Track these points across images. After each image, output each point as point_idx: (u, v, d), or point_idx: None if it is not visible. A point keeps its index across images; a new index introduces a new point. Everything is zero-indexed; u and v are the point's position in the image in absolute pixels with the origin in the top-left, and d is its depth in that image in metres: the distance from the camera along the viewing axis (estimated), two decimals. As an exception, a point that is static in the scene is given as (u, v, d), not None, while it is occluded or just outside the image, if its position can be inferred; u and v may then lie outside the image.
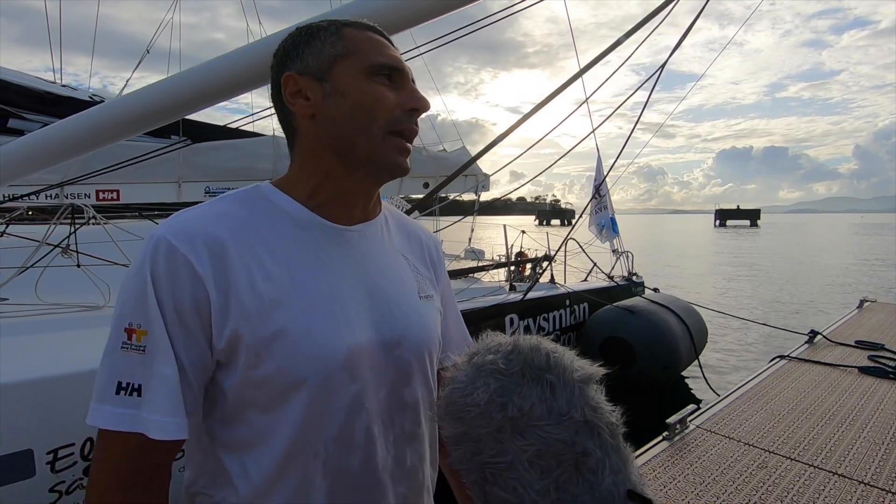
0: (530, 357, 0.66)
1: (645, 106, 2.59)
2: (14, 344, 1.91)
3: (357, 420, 0.67)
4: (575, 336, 5.13)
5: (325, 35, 0.71)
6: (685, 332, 5.02)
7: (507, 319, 4.26)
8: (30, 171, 1.67)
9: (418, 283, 0.79)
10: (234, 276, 0.62)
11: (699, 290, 12.73)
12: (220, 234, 0.64)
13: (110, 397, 0.60)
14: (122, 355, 0.61)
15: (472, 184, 6.70)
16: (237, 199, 0.70)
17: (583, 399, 0.64)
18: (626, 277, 6.53)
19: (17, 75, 3.73)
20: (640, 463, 2.06)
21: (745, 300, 11.84)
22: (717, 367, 6.53)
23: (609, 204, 6.65)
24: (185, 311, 0.61)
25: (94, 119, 1.56)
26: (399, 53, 0.75)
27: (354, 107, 0.69)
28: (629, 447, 0.67)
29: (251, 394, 0.64)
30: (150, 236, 0.63)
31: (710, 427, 2.41)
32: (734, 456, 2.14)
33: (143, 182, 3.89)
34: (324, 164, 0.71)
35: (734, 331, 8.43)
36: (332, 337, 0.65)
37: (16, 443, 1.57)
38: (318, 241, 0.70)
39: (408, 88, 0.72)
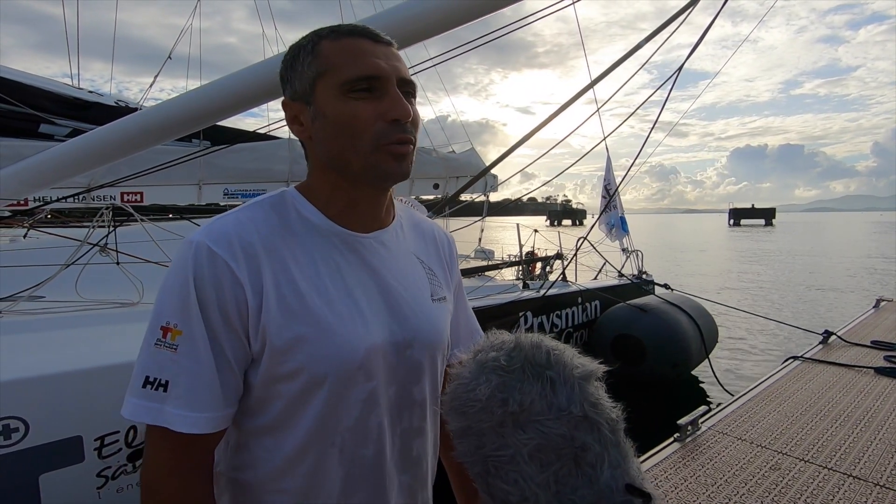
0: (531, 354, 0.68)
1: (661, 110, 2.63)
2: (58, 337, 2.02)
3: (371, 414, 0.72)
4: (587, 333, 5.17)
5: (304, 55, 0.72)
6: (696, 331, 5.03)
7: (521, 316, 4.32)
8: (72, 175, 1.77)
9: (432, 286, 0.83)
10: (265, 281, 0.67)
11: (711, 290, 12.64)
12: (253, 239, 0.68)
13: (138, 390, 0.65)
14: (154, 351, 0.65)
15: (481, 186, 6.75)
16: (268, 206, 0.74)
17: (582, 395, 0.66)
18: (636, 276, 6.54)
19: (48, 82, 3.87)
20: (652, 465, 2.05)
21: (758, 299, 11.74)
22: (729, 367, 6.52)
23: (618, 203, 6.67)
24: (229, 312, 0.65)
25: (132, 126, 1.65)
26: (385, 51, 0.72)
27: (336, 128, 0.70)
28: (630, 443, 0.69)
29: (275, 388, 0.69)
30: (188, 241, 0.67)
31: (722, 429, 2.38)
32: (746, 458, 2.12)
33: (167, 184, 4.01)
34: (329, 179, 0.74)
35: (747, 331, 8.38)
36: (350, 339, 0.69)
37: (66, 429, 1.67)
38: (337, 248, 0.74)
39: (389, 98, 0.70)
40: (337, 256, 0.73)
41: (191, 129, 1.67)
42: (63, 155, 1.77)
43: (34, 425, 1.59)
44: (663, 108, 2.65)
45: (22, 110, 3.27)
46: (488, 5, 1.71)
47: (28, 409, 1.59)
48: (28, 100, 3.33)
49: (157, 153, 3.40)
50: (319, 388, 0.69)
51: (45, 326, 2.10)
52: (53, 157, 1.77)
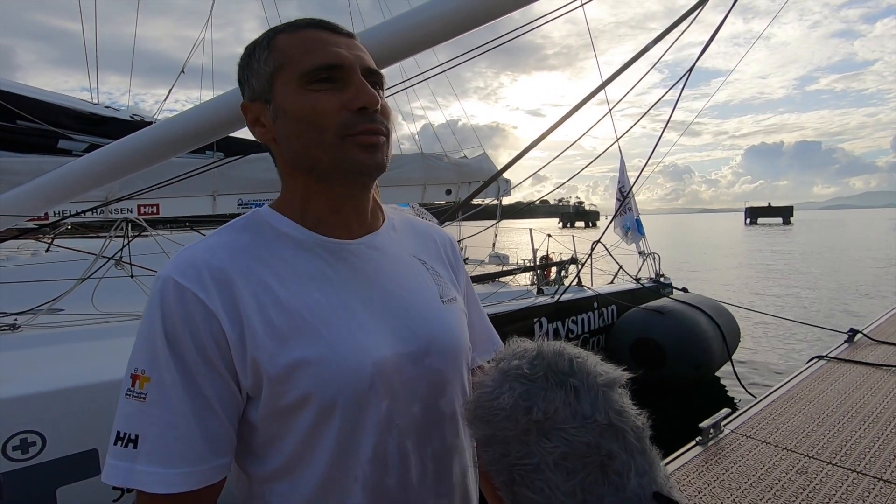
0: (554, 362, 0.67)
1: (673, 110, 2.59)
2: (74, 351, 2.05)
3: (389, 437, 0.65)
4: (604, 338, 5.10)
5: (260, 51, 0.68)
6: (716, 332, 4.94)
7: (536, 322, 4.27)
8: (89, 189, 1.80)
9: (439, 288, 0.76)
10: (244, 306, 0.60)
11: (730, 290, 12.42)
12: (224, 264, 0.62)
13: (111, 448, 0.58)
14: (125, 403, 0.58)
15: (493, 190, 6.73)
16: (239, 227, 0.68)
17: (607, 402, 0.64)
18: (653, 279, 6.45)
19: (66, 99, 3.96)
20: (673, 469, 2.02)
21: (779, 299, 11.51)
22: (751, 367, 6.38)
23: (633, 205, 6.59)
24: (206, 348, 0.59)
25: (145, 141, 1.67)
26: (346, 42, 0.67)
27: (298, 123, 0.65)
28: (656, 450, 0.67)
29: (281, 424, 0.62)
30: (157, 278, 0.61)
31: (745, 431, 2.33)
32: (771, 461, 2.07)
33: (182, 196, 4.06)
34: (301, 184, 0.68)
35: (769, 331, 8.21)
36: (355, 356, 0.63)
37: (82, 442, 1.68)
38: (323, 259, 0.67)
39: (353, 86, 0.64)
40: (325, 269, 0.66)
41: (202, 141, 1.68)
42: (80, 170, 1.79)
43: (51, 439, 1.61)
44: (675, 107, 2.60)
45: (41, 127, 3.35)
46: (496, 10, 1.69)
47: (45, 423, 1.61)
48: (47, 116, 3.41)
49: (173, 166, 3.44)
50: (330, 417, 0.62)
51: (61, 340, 2.13)
52: (71, 173, 1.80)
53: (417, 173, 5.97)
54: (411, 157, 6.09)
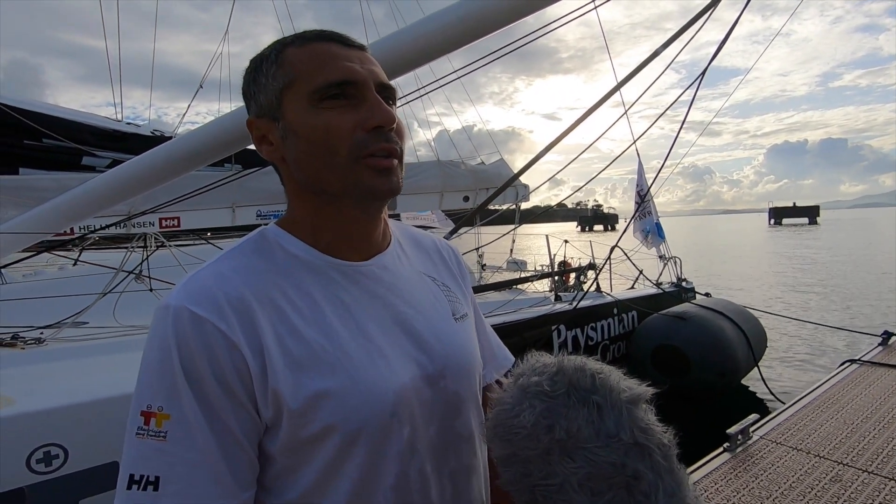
0: (575, 378, 0.64)
1: (688, 110, 2.54)
2: (96, 364, 2.09)
3: (411, 463, 0.64)
4: (625, 345, 5.00)
5: (268, 65, 0.64)
6: (741, 337, 4.80)
7: (553, 330, 4.22)
8: (111, 204, 1.84)
9: (451, 304, 0.75)
10: (264, 337, 0.58)
11: (755, 294, 12.11)
12: (241, 292, 0.59)
13: (122, 493, 0.54)
14: (137, 443, 0.55)
15: (512, 195, 6.70)
16: (248, 250, 0.65)
17: (631, 420, 0.62)
18: (675, 283, 6.32)
19: (89, 116, 4.09)
20: (701, 476, 1.98)
21: (807, 302, 11.17)
22: (779, 373, 6.19)
23: (653, 209, 6.48)
24: (229, 382, 0.56)
25: (163, 156, 1.71)
26: (358, 55, 0.64)
27: (309, 144, 0.61)
28: (684, 468, 0.65)
29: (299, 456, 0.60)
30: (164, 307, 0.57)
31: (775, 438, 2.28)
32: (803, 469, 2.02)
33: (202, 209, 4.14)
34: (310, 205, 0.66)
35: (797, 335, 7.96)
36: (376, 385, 0.61)
37: (104, 455, 1.70)
38: (336, 283, 0.65)
39: (367, 104, 0.62)
40: (340, 292, 0.64)
41: (218, 155, 1.71)
42: (101, 187, 1.84)
43: (73, 452, 1.64)
44: (690, 108, 2.55)
45: (66, 144, 3.45)
46: (510, 15, 1.68)
47: (67, 436, 1.63)
48: (71, 134, 3.53)
49: (193, 179, 3.50)
50: (353, 447, 0.60)
51: (83, 353, 2.18)
52: (93, 190, 1.84)
53: (434, 180, 5.98)
54: (428, 165, 6.10)
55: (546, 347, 4.19)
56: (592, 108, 2.27)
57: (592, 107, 2.30)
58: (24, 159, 3.36)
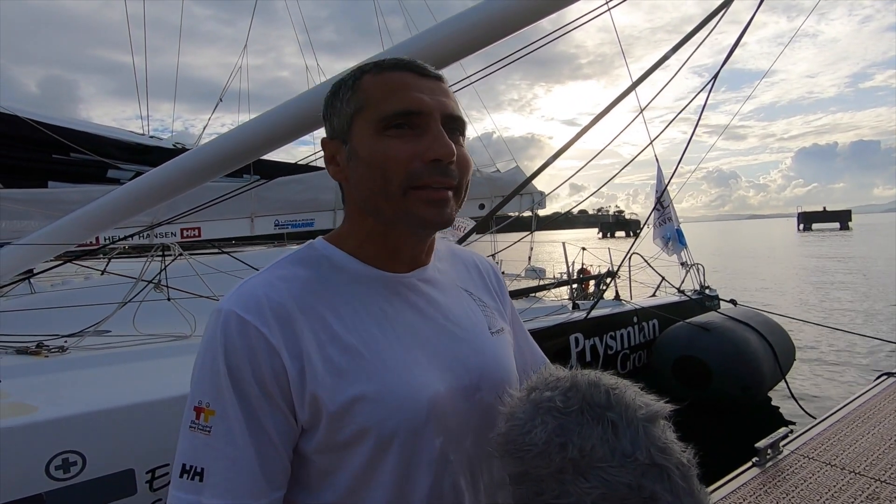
0: (589, 394, 0.63)
1: (702, 111, 2.49)
2: (116, 372, 2.14)
3: (445, 474, 0.65)
4: (645, 354, 4.89)
5: (344, 91, 0.68)
6: (767, 350, 4.64)
7: (571, 339, 4.15)
8: (130, 215, 1.89)
9: (488, 319, 0.77)
10: (304, 343, 0.61)
11: (783, 302, 11.74)
12: (284, 300, 0.62)
13: (176, 480, 0.59)
14: (190, 436, 0.60)
15: (529, 202, 6.65)
16: (297, 261, 0.69)
17: (648, 439, 0.60)
18: (698, 291, 6.16)
19: (114, 131, 4.24)
20: (728, 491, 1.91)
21: (839, 311, 10.76)
22: (810, 388, 5.95)
23: (673, 215, 6.35)
24: (267, 384, 0.59)
25: (179, 168, 1.75)
26: (430, 86, 0.66)
27: (368, 168, 0.64)
28: (704, 490, 0.63)
29: (335, 458, 0.62)
30: (217, 310, 0.62)
31: (807, 453, 2.18)
32: (838, 485, 1.93)
33: (221, 219, 4.23)
34: (365, 224, 0.69)
35: (829, 345, 7.67)
36: (410, 391, 0.63)
37: (120, 462, 1.74)
38: (379, 293, 0.68)
39: (430, 135, 0.63)
40: (381, 303, 0.67)
41: (233, 166, 1.74)
42: (120, 198, 1.89)
43: (91, 458, 1.67)
44: (703, 110, 2.50)
45: (92, 158, 3.58)
46: (525, 19, 1.68)
47: (85, 444, 1.67)
48: (97, 148, 3.66)
49: (212, 190, 3.58)
50: (386, 453, 0.62)
51: (103, 362, 2.24)
52: (112, 201, 1.90)
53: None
54: (445, 172, 6.10)
55: (563, 357, 4.16)
56: (605, 111, 2.24)
57: (605, 109, 2.27)
58: (53, 173, 3.49)
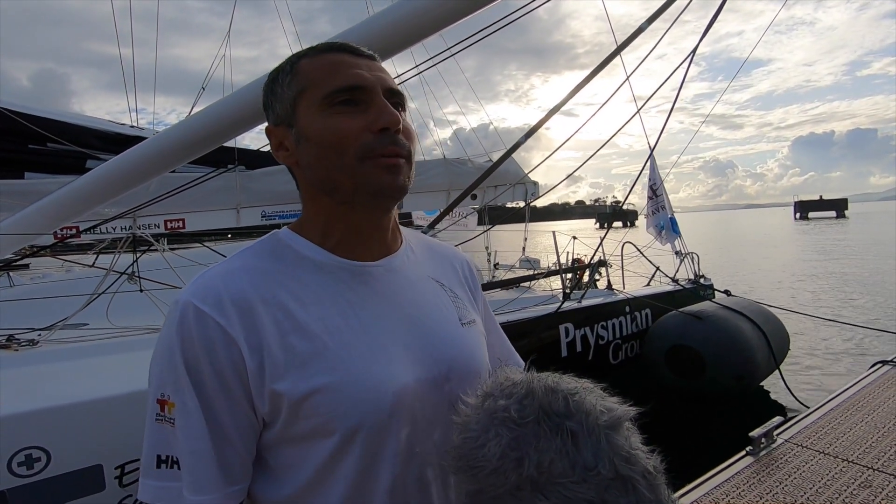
0: (546, 402, 0.58)
1: (678, 94, 2.43)
2: (87, 366, 2.08)
3: (409, 467, 0.64)
4: (638, 345, 4.87)
5: (283, 76, 0.68)
6: (761, 339, 4.60)
7: (561, 329, 4.11)
8: (97, 204, 1.82)
9: (458, 310, 0.76)
10: (264, 334, 0.60)
11: (779, 291, 11.74)
12: (245, 290, 0.62)
13: (153, 471, 0.60)
14: (158, 428, 0.60)
15: (521, 193, 6.59)
16: (259, 251, 0.68)
17: (611, 449, 0.56)
18: (692, 280, 6.13)
19: (93, 120, 4.16)
20: (722, 480, 1.91)
21: (835, 300, 10.76)
22: (804, 378, 5.94)
23: (667, 204, 6.30)
24: (225, 375, 0.59)
25: (141, 154, 1.69)
26: (367, 64, 0.68)
27: (319, 147, 0.65)
28: (673, 498, 0.59)
29: (298, 451, 0.62)
30: (175, 302, 0.61)
31: (800, 441, 2.19)
32: (831, 473, 1.93)
33: (205, 210, 4.16)
34: (323, 207, 0.68)
35: (823, 336, 7.66)
36: (375, 382, 0.62)
37: (87, 458, 1.69)
38: (344, 282, 0.67)
39: (375, 107, 0.65)
40: (346, 292, 0.66)
41: (195, 153, 1.67)
42: (83, 187, 1.83)
43: (56, 455, 1.62)
44: (679, 91, 2.45)
45: (69, 148, 3.50)
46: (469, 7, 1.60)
47: (50, 439, 1.62)
48: (75, 138, 3.57)
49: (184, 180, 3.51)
50: (350, 445, 0.61)
51: (75, 355, 2.18)
52: (74, 190, 1.83)
53: (441, 179, 5.92)
54: (434, 163, 6.05)
55: (553, 348, 4.13)
56: (583, 83, 2.18)
57: (590, 74, 2.21)
58: (30, 164, 3.42)
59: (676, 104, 2.88)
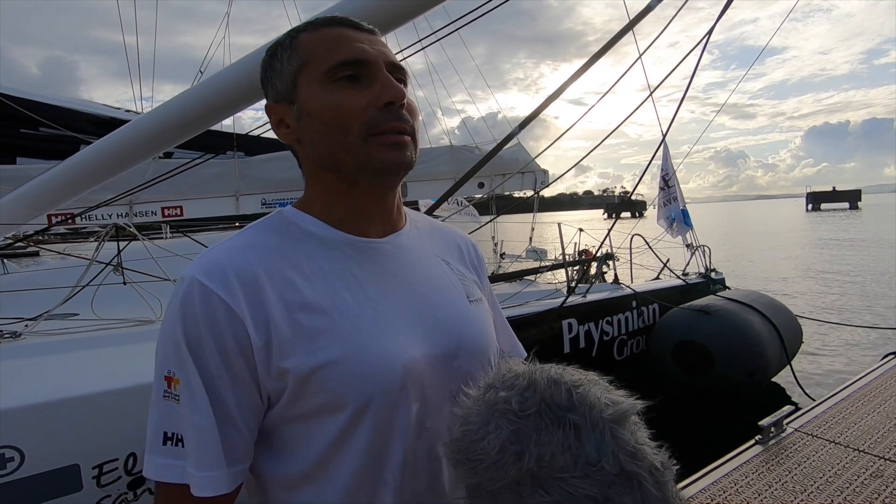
0: (548, 394, 0.56)
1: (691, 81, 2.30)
2: (70, 360, 2.02)
3: (419, 441, 0.65)
4: (644, 340, 4.76)
5: (283, 51, 0.67)
6: (773, 334, 4.47)
7: (564, 324, 4.01)
8: (73, 194, 1.74)
9: (465, 287, 0.75)
10: (271, 310, 0.59)
11: (791, 285, 11.53)
12: (251, 265, 0.61)
13: (158, 448, 0.60)
14: (164, 405, 0.60)
15: (531, 182, 6.46)
16: (263, 227, 0.68)
17: (616, 443, 0.54)
18: (702, 274, 5.98)
19: (86, 104, 4.08)
20: (731, 468, 1.92)
21: (847, 295, 10.54)
22: (813, 371, 5.81)
23: (679, 195, 6.14)
24: (229, 352, 0.58)
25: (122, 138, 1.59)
26: (368, 38, 0.66)
27: (322, 124, 0.64)
28: (680, 496, 0.57)
29: (306, 427, 0.62)
30: (181, 278, 0.61)
31: (811, 430, 2.18)
32: (841, 463, 1.92)
33: (204, 197, 4.09)
34: (326, 183, 0.68)
35: (836, 329, 7.49)
36: (384, 357, 0.62)
37: (63, 458, 1.63)
38: (350, 258, 0.67)
39: (378, 82, 0.63)
40: (353, 267, 0.66)
41: (184, 135, 1.58)
42: (66, 171, 1.74)
43: (30, 454, 1.56)
44: (692, 78, 2.32)
45: (62, 133, 3.42)
46: None
47: (23, 438, 1.56)
48: (68, 123, 3.50)
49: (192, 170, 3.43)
50: (360, 421, 0.61)
51: (58, 349, 2.11)
52: (58, 175, 1.75)
53: (447, 166, 5.80)
54: (440, 150, 5.92)
55: (555, 343, 4.03)
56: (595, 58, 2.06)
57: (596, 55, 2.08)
58: (22, 149, 3.36)
59: (690, 94, 2.75)
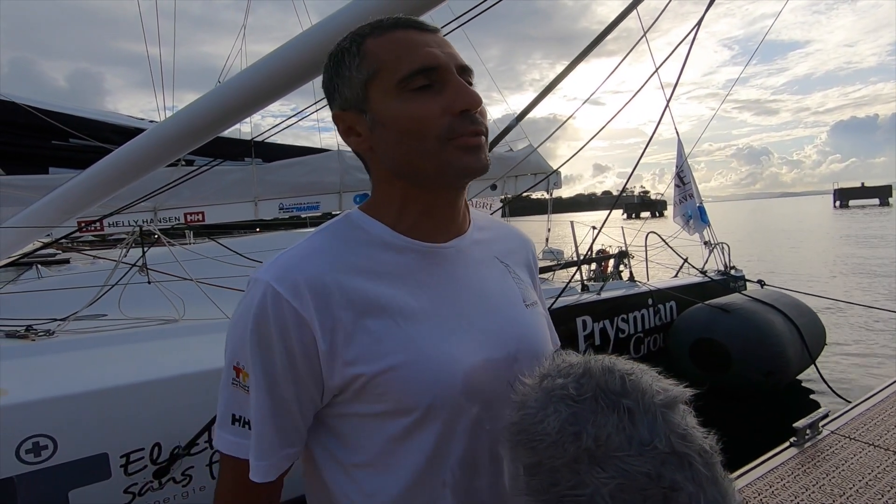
0: (603, 381, 0.60)
1: (682, 68, 2.29)
2: (100, 355, 2.13)
3: (478, 442, 0.66)
4: (661, 338, 4.71)
5: (349, 58, 0.67)
6: (794, 333, 4.38)
7: (578, 322, 4.01)
8: (102, 197, 1.84)
9: (522, 291, 0.77)
10: (338, 315, 0.62)
11: (816, 283, 11.22)
12: (320, 272, 0.63)
13: (228, 426, 0.66)
14: (233, 391, 0.65)
15: (544, 184, 6.46)
16: (332, 232, 0.69)
17: (667, 426, 0.58)
18: (722, 272, 5.89)
19: (113, 116, 4.26)
20: (765, 471, 1.90)
21: (878, 293, 10.22)
22: (842, 372, 5.64)
23: (695, 192, 6.07)
24: (295, 355, 0.62)
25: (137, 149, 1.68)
26: (436, 40, 0.66)
27: (398, 134, 0.64)
28: (728, 477, 0.60)
29: (371, 426, 0.64)
30: (253, 280, 0.64)
31: (848, 433, 2.13)
32: (882, 466, 1.87)
33: (224, 203, 4.22)
34: (399, 190, 0.68)
35: (865, 330, 7.26)
36: (445, 364, 0.64)
37: (93, 446, 1.72)
38: (416, 263, 0.68)
39: (452, 88, 0.63)
40: (417, 273, 0.68)
41: (198, 141, 1.66)
42: (86, 181, 1.84)
43: (62, 442, 1.65)
44: (684, 66, 2.31)
45: (91, 143, 3.59)
46: None
47: (57, 427, 1.65)
48: (96, 133, 3.67)
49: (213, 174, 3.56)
50: (423, 424, 0.64)
51: (88, 345, 2.23)
52: (81, 183, 1.85)
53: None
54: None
55: (569, 341, 4.02)
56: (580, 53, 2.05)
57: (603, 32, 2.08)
58: (53, 159, 3.53)
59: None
